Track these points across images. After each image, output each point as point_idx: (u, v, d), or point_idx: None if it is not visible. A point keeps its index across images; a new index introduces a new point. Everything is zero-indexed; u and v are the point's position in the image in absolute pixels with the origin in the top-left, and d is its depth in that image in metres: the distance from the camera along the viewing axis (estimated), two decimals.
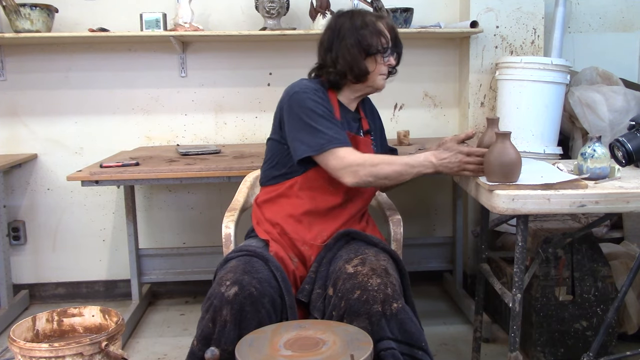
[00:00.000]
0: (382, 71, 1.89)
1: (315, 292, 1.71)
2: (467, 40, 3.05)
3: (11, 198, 3.13)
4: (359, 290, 1.58)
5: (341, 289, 1.62)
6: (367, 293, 1.57)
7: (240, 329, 1.55)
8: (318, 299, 1.70)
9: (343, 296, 1.60)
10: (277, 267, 1.69)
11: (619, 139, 1.86)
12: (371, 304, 1.56)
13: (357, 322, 1.55)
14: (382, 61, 1.87)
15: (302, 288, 1.75)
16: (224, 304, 1.55)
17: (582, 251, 2.32)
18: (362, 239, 1.84)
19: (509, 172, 1.67)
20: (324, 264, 1.77)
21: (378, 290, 1.58)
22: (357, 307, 1.56)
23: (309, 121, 1.76)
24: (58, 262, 3.20)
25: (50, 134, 3.11)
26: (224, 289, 1.57)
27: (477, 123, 3.09)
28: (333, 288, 1.66)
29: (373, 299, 1.56)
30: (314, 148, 1.75)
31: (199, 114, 3.14)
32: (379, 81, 1.90)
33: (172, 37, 2.85)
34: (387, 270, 1.67)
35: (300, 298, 1.72)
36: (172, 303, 3.18)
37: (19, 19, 2.75)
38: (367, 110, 2.06)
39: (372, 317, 1.55)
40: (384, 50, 1.86)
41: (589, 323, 2.34)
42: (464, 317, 2.86)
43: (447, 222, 3.29)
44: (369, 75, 1.87)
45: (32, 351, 1.64)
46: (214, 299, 1.58)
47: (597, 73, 3.00)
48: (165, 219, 3.22)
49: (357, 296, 1.58)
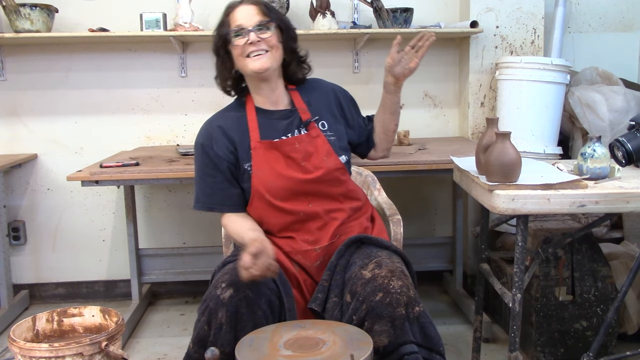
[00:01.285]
0: (240, 52, 1.76)
1: (332, 301, 1.67)
2: (467, 40, 3.05)
3: (11, 198, 3.13)
4: (381, 293, 1.55)
5: (361, 293, 1.58)
6: (390, 296, 1.54)
7: (236, 331, 1.54)
8: (335, 307, 1.66)
9: (364, 300, 1.56)
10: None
11: (619, 139, 1.86)
12: (394, 306, 1.53)
13: (380, 325, 1.52)
14: (238, 43, 1.76)
15: (314, 297, 1.71)
16: (220, 306, 1.55)
17: (582, 251, 2.32)
18: (373, 242, 1.79)
19: (509, 172, 1.67)
20: (338, 272, 1.72)
21: (401, 292, 1.55)
22: (380, 310, 1.53)
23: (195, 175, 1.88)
24: (58, 262, 3.20)
25: (50, 134, 3.11)
26: (220, 292, 1.57)
27: (477, 123, 3.09)
28: (350, 294, 1.63)
29: (397, 302, 1.54)
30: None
31: (199, 114, 3.14)
32: (247, 65, 1.76)
33: (172, 37, 2.85)
34: (404, 272, 1.65)
35: (313, 307, 1.68)
36: (172, 303, 3.18)
37: (19, 19, 2.75)
38: (310, 95, 1.89)
39: (395, 320, 1.52)
40: (234, 33, 1.76)
41: (589, 323, 2.34)
42: (464, 317, 2.86)
43: (447, 222, 3.29)
44: (235, 65, 1.81)
45: (32, 351, 1.64)
46: (210, 301, 1.57)
47: (597, 73, 3.00)
48: (165, 219, 3.22)
49: (379, 299, 1.55)
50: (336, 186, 1.83)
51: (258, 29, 1.75)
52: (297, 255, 1.78)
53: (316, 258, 1.78)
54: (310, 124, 1.83)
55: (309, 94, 1.89)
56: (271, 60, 1.77)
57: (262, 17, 1.77)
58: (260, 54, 1.75)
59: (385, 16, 2.88)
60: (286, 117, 1.84)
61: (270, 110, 1.84)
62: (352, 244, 1.78)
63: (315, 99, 1.88)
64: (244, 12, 1.78)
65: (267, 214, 1.80)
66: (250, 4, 1.80)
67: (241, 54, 1.76)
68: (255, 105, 1.85)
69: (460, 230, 3.08)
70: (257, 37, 1.74)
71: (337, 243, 1.80)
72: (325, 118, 1.87)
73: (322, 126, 1.85)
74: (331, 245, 1.79)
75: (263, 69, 1.76)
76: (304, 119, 1.83)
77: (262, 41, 1.75)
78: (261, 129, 1.81)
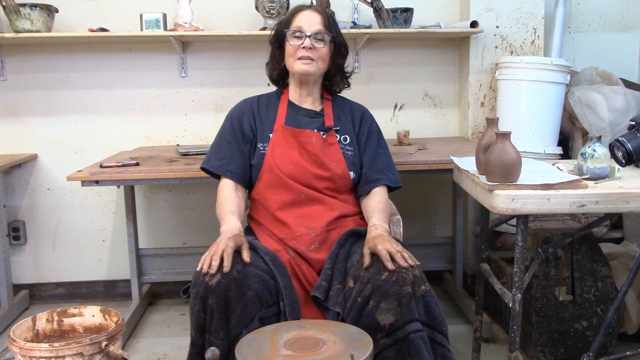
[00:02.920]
0: (292, 53, 1.91)
1: (335, 288, 1.71)
2: (467, 40, 3.05)
3: (11, 198, 3.13)
4: (387, 272, 1.58)
5: (365, 275, 1.62)
6: (395, 274, 1.57)
7: (227, 314, 1.57)
8: (339, 294, 1.69)
9: (369, 280, 1.59)
10: (265, 252, 1.72)
11: (619, 139, 1.86)
12: (401, 285, 1.55)
13: (386, 303, 1.54)
14: (293, 44, 1.90)
15: (318, 285, 1.74)
16: (209, 292, 1.57)
17: (582, 251, 2.32)
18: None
19: (509, 172, 1.67)
20: (339, 261, 1.77)
21: (407, 270, 1.58)
22: (387, 288, 1.55)
23: (215, 138, 2.02)
24: (58, 262, 3.20)
25: (50, 134, 3.11)
26: (208, 278, 1.59)
27: (477, 123, 3.09)
28: (354, 279, 1.66)
29: (403, 280, 1.56)
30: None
31: (199, 114, 3.14)
32: (294, 65, 1.91)
33: (172, 37, 2.85)
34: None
35: (316, 295, 1.72)
36: (172, 303, 3.18)
37: (19, 19, 2.75)
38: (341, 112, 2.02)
39: (402, 298, 1.54)
40: (292, 33, 1.90)
41: (589, 323, 2.34)
42: (464, 317, 2.86)
43: (447, 222, 3.29)
44: (285, 60, 1.95)
45: (32, 351, 1.63)
46: (200, 287, 1.59)
47: (597, 73, 3.00)
48: (165, 219, 3.22)
49: (385, 277, 1.57)
50: (338, 190, 1.93)
51: (315, 37, 1.89)
52: (292, 241, 1.84)
53: (310, 242, 1.83)
54: (330, 131, 1.95)
55: (342, 110, 2.03)
56: (315, 69, 1.92)
57: (322, 27, 1.91)
58: (309, 62, 1.89)
59: (385, 16, 2.88)
60: (311, 117, 1.97)
61: (300, 107, 2.00)
62: (352, 235, 1.84)
63: (345, 117, 2.01)
64: (308, 17, 1.91)
65: (272, 189, 1.89)
66: (316, 12, 1.93)
67: (292, 55, 1.90)
68: (289, 98, 2.01)
69: (460, 230, 3.08)
70: (311, 45, 1.89)
71: (332, 232, 1.85)
72: (350, 135, 1.99)
73: (344, 140, 1.96)
74: (326, 232, 1.85)
75: (306, 73, 1.91)
76: (327, 124, 1.96)
77: (314, 50, 1.89)
78: (287, 117, 1.96)
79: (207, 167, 1.96)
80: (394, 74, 3.17)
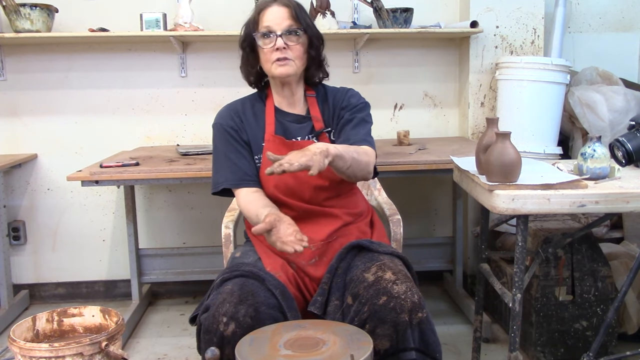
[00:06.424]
0: (267, 57, 1.77)
1: (333, 304, 1.66)
2: (467, 40, 3.05)
3: (11, 198, 3.13)
4: (385, 297, 1.54)
5: (364, 295, 1.57)
6: (393, 300, 1.53)
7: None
8: (337, 310, 1.64)
9: (367, 302, 1.55)
10: (275, 285, 1.63)
11: (619, 139, 1.86)
12: (398, 312, 1.51)
13: (382, 329, 1.51)
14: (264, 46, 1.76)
15: (314, 300, 1.69)
16: (225, 342, 1.51)
17: (582, 251, 2.32)
18: (374, 249, 1.76)
19: (509, 172, 1.67)
20: (339, 275, 1.70)
21: (405, 297, 1.54)
22: (384, 314, 1.52)
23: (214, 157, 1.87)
24: (58, 262, 3.21)
25: (50, 134, 3.11)
26: (222, 327, 1.52)
27: (477, 123, 3.09)
28: (352, 297, 1.61)
29: (400, 307, 1.52)
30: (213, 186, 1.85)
31: (199, 114, 3.14)
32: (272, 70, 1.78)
33: (172, 37, 2.85)
34: (407, 275, 1.64)
35: (313, 310, 1.67)
36: (172, 303, 3.18)
37: (19, 19, 2.75)
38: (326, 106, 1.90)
39: (398, 325, 1.51)
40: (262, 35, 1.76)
41: (589, 323, 2.34)
42: (464, 317, 2.86)
43: (447, 222, 3.29)
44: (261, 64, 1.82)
45: (32, 351, 1.63)
46: (214, 335, 1.53)
47: (597, 73, 3.00)
48: (165, 219, 3.22)
49: (383, 302, 1.53)
50: (338, 195, 1.85)
51: (286, 34, 1.76)
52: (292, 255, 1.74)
53: (311, 256, 1.77)
54: (321, 135, 1.86)
55: (326, 102, 1.91)
56: (294, 69, 1.79)
57: (292, 21, 1.77)
58: (285, 63, 1.76)
59: (385, 16, 2.88)
60: (300, 122, 1.87)
61: (287, 112, 1.88)
62: (353, 248, 1.77)
63: (328, 111, 1.90)
64: (275, 13, 1.77)
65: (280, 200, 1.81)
66: (282, 5, 1.79)
67: (269, 60, 1.78)
68: (274, 104, 1.88)
69: (460, 230, 3.08)
70: (285, 43, 1.75)
71: (333, 244, 1.79)
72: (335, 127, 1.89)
73: (332, 136, 1.88)
74: (326, 245, 1.79)
75: (286, 74, 1.78)
76: (317, 128, 1.87)
77: (288, 48, 1.76)
78: (276, 126, 1.85)
79: (228, 186, 1.81)
80: (394, 74, 3.17)
